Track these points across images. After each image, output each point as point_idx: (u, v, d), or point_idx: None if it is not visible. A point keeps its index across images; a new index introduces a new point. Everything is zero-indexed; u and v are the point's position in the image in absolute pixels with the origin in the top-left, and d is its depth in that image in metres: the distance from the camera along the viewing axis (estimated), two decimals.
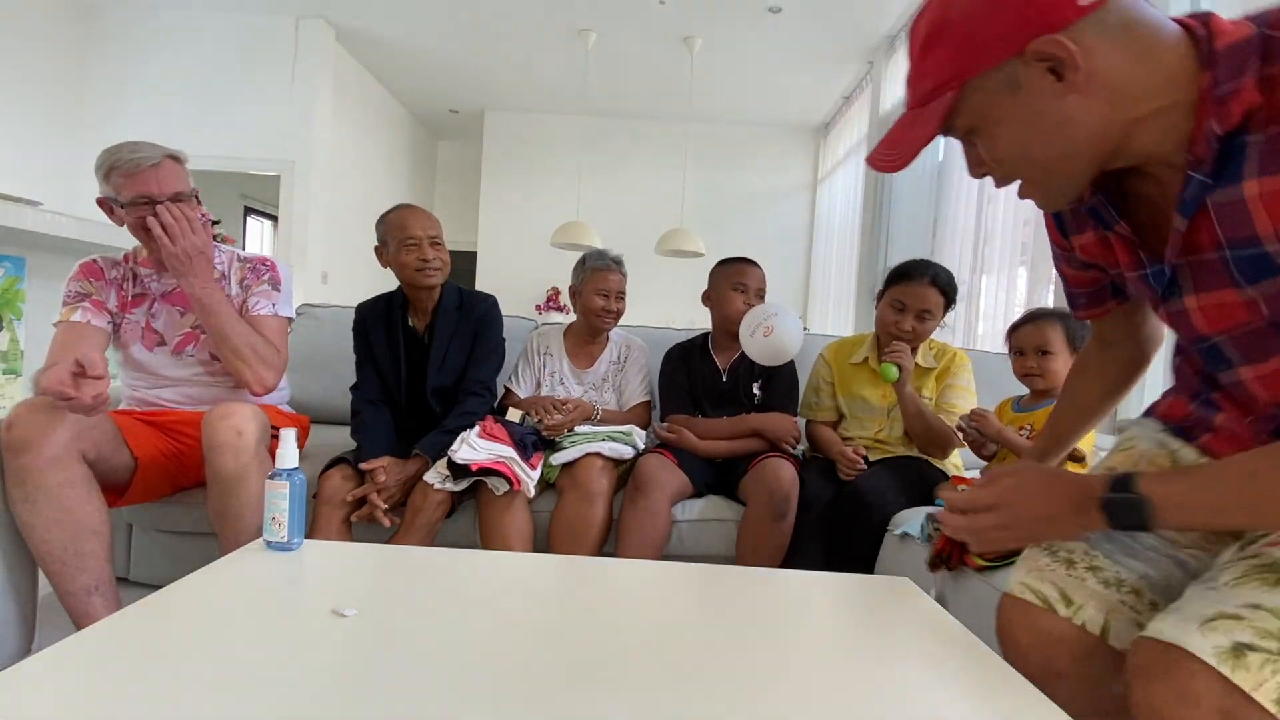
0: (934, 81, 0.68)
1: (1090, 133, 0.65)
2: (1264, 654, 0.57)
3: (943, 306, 1.74)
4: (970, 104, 0.67)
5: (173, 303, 1.55)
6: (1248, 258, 0.63)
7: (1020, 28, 0.62)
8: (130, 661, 0.66)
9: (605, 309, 1.91)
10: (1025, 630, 0.82)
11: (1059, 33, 0.61)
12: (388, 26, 4.99)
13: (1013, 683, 0.71)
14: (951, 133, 0.72)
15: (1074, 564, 0.81)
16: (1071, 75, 0.61)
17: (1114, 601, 0.76)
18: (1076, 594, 0.79)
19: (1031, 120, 0.66)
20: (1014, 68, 0.64)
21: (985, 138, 0.70)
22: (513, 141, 6.52)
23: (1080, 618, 0.77)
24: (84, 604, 1.27)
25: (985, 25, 0.64)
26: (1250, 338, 0.69)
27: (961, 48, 0.65)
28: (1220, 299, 0.68)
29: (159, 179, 1.41)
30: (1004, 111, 0.66)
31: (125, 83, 4.86)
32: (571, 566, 1.07)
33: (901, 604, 0.94)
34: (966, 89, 0.67)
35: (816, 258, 6.32)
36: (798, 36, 4.71)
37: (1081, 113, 0.64)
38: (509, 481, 1.51)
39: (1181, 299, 0.71)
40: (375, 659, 0.69)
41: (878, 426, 1.83)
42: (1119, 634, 0.75)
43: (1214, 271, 0.67)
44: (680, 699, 0.64)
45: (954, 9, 0.65)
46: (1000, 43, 0.63)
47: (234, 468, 1.32)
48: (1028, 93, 0.64)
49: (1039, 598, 0.81)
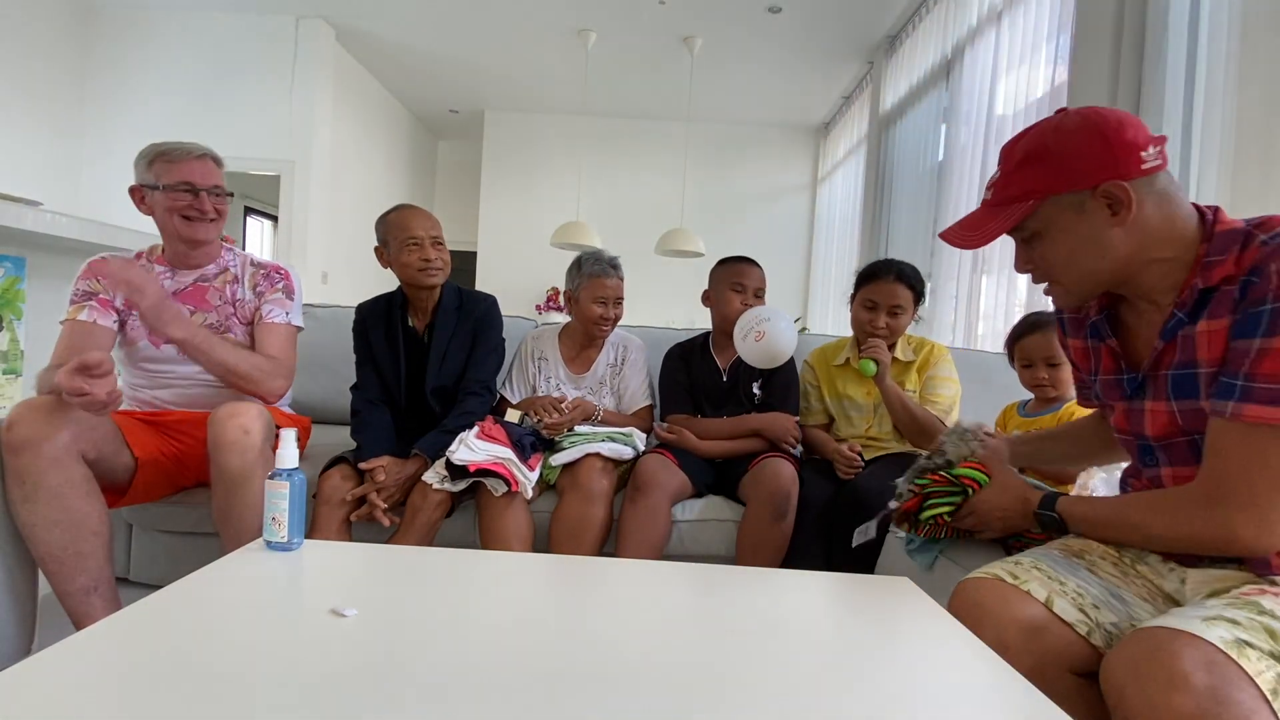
0: (1020, 190, 0.88)
1: (1118, 259, 0.86)
2: (1260, 652, 0.68)
3: (912, 300, 1.81)
4: (1043, 213, 0.88)
5: (184, 301, 1.55)
6: (1182, 377, 0.86)
7: (1099, 169, 0.83)
8: (130, 661, 0.66)
9: (604, 317, 1.89)
10: (972, 605, 0.91)
11: (1125, 181, 0.82)
12: (388, 26, 4.99)
13: (1013, 683, 0.71)
14: (1018, 231, 0.92)
15: (1020, 563, 0.95)
16: (1123, 214, 0.83)
17: (1055, 588, 0.89)
18: (1024, 573, 0.92)
19: (1083, 237, 0.86)
20: (1084, 196, 0.84)
21: (1045, 241, 0.89)
22: (513, 141, 6.52)
23: (1026, 586, 0.89)
24: (83, 604, 1.28)
25: (1074, 161, 0.84)
26: (1175, 446, 0.90)
27: (1051, 171, 0.86)
28: (1157, 407, 0.90)
29: (203, 170, 1.50)
30: (1066, 225, 0.87)
31: (125, 83, 4.86)
32: (571, 566, 1.07)
33: (901, 604, 0.94)
34: (1046, 202, 0.87)
35: (816, 258, 6.32)
36: (798, 36, 4.71)
37: (1118, 243, 0.85)
38: (507, 482, 1.51)
39: (1143, 401, 0.93)
40: (375, 659, 0.69)
41: (867, 424, 1.85)
42: (1063, 611, 0.86)
43: (1161, 385, 0.89)
44: (680, 699, 0.64)
45: (1052, 142, 0.86)
46: (1081, 176, 0.84)
47: (239, 466, 1.32)
48: (1088, 216, 0.85)
49: (988, 574, 0.95)
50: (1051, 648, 0.84)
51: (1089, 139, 0.84)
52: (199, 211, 1.50)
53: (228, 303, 1.58)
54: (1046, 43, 2.60)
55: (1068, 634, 0.85)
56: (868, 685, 0.70)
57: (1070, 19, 2.35)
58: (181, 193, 1.48)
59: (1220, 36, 1.75)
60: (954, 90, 3.46)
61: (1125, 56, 1.99)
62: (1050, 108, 2.50)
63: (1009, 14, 2.92)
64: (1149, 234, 0.84)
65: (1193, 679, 0.65)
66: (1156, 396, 0.90)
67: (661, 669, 0.70)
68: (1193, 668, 0.66)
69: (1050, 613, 0.86)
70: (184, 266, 1.58)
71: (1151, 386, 0.91)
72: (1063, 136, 0.85)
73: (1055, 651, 0.84)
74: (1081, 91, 2.18)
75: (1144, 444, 0.95)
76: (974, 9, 3.27)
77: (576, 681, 0.66)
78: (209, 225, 1.53)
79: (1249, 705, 0.64)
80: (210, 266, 1.60)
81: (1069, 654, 0.84)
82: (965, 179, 3.20)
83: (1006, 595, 0.88)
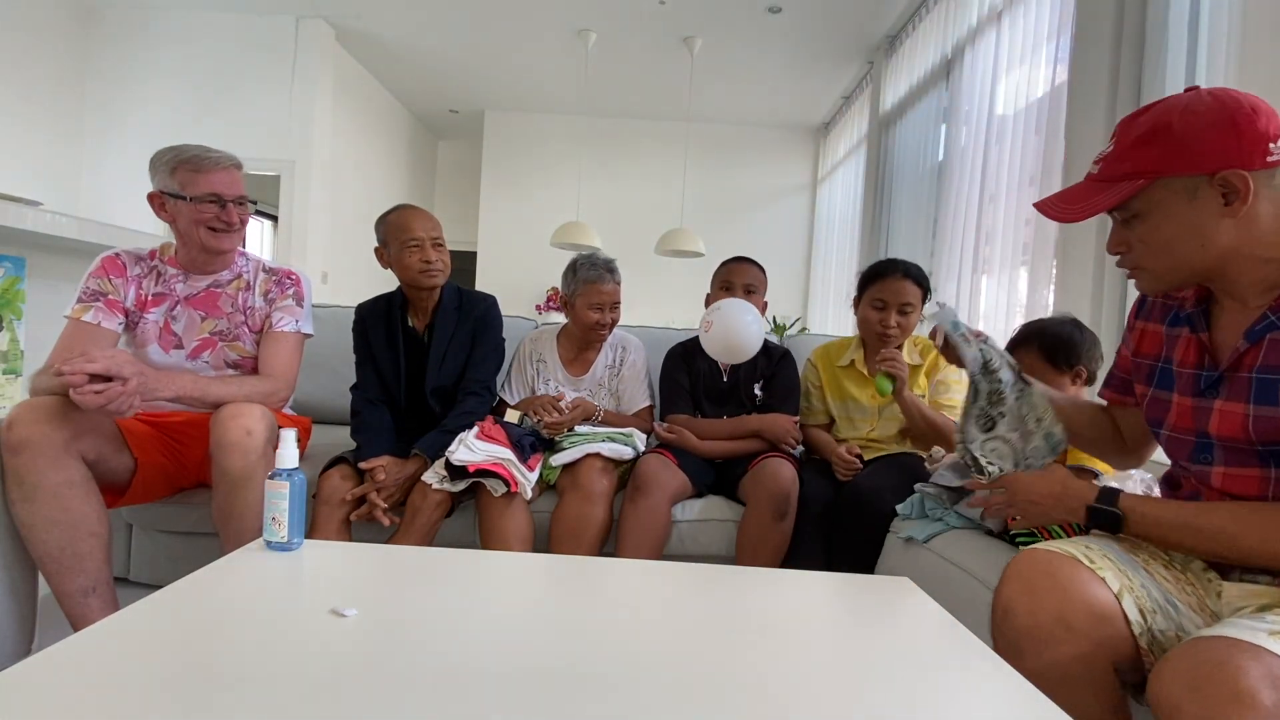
0: (1134, 167, 0.84)
1: (1219, 252, 0.82)
2: None
3: (920, 298, 1.76)
4: (1153, 194, 0.83)
5: (195, 306, 1.55)
6: (1267, 381, 0.82)
7: (1223, 156, 0.79)
8: (130, 661, 0.66)
9: (600, 323, 1.87)
10: (1043, 574, 0.85)
11: (1247, 172, 0.78)
12: (388, 26, 4.99)
13: (1014, 683, 0.71)
14: (1122, 209, 0.87)
15: (1091, 548, 0.89)
16: (1237, 205, 0.79)
17: (1126, 583, 0.84)
18: (1097, 559, 0.86)
19: (1190, 224, 0.82)
20: (1199, 182, 0.80)
21: (1146, 224, 0.85)
22: (513, 141, 6.52)
23: (1102, 573, 0.84)
24: (81, 605, 1.28)
25: (1196, 144, 0.80)
26: (1237, 449, 0.86)
27: (1169, 151, 0.81)
28: (1231, 408, 0.86)
29: (229, 181, 1.48)
30: (1173, 210, 0.82)
31: (125, 83, 4.86)
32: (571, 566, 1.07)
33: (902, 604, 0.94)
34: (1157, 182, 0.82)
35: (816, 258, 6.32)
36: (798, 36, 4.71)
37: (1224, 235, 0.81)
38: (506, 483, 1.51)
39: (1214, 400, 0.89)
40: (375, 659, 0.69)
41: (870, 427, 1.83)
42: (1129, 607, 0.82)
43: (1241, 387, 0.85)
44: (680, 699, 0.64)
45: (1177, 121, 0.81)
46: (1203, 160, 0.79)
47: (242, 467, 1.32)
48: (1199, 203, 0.81)
49: (1061, 549, 0.88)
50: (1109, 639, 0.81)
51: (1218, 123, 0.79)
52: (226, 224, 1.48)
53: (239, 310, 1.57)
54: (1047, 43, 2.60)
55: (1124, 631, 0.82)
56: (868, 685, 0.70)
57: (1070, 19, 2.35)
58: (209, 204, 1.45)
59: (1220, 36, 1.75)
60: (954, 90, 3.45)
61: (1125, 56, 1.99)
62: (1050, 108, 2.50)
63: (1009, 14, 2.91)
64: (1257, 230, 0.81)
65: (1260, 696, 0.62)
66: (1233, 397, 0.86)
67: (661, 669, 0.70)
68: (1259, 684, 0.62)
69: (1118, 605, 0.82)
70: (199, 272, 1.57)
71: (1228, 386, 0.87)
72: (1190, 117, 0.81)
73: (1111, 644, 0.82)
74: (1081, 91, 2.18)
75: (1203, 441, 0.90)
76: (974, 9, 3.27)
77: (576, 681, 0.66)
78: (234, 235, 1.52)
79: None
80: (225, 273, 1.59)
81: (1119, 649, 0.82)
82: (965, 179, 3.20)
83: (1081, 574, 0.84)
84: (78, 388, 1.18)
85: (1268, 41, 1.59)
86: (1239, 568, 0.86)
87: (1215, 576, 0.88)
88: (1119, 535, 0.93)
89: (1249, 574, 0.85)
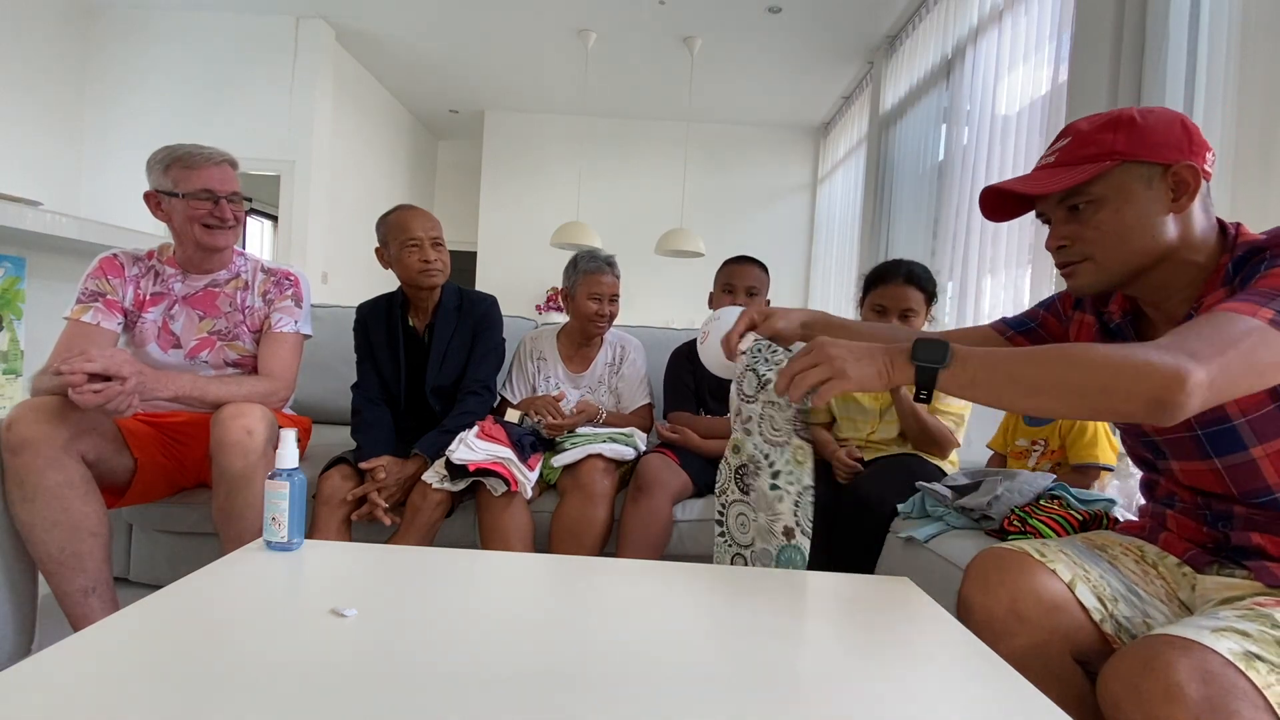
0: (1099, 150, 0.86)
1: (1159, 246, 0.86)
2: (1270, 665, 0.67)
3: (924, 302, 1.73)
4: (1114, 178, 0.86)
5: (193, 306, 1.55)
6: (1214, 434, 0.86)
7: (1180, 150, 0.84)
8: (130, 661, 0.66)
9: (599, 313, 1.89)
10: (994, 569, 0.90)
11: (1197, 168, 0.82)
12: (388, 26, 4.99)
13: (1014, 683, 0.71)
14: (1080, 194, 0.87)
15: (1048, 544, 0.94)
16: (1184, 201, 0.84)
17: (1080, 572, 0.89)
18: (1050, 553, 0.91)
19: (1140, 212, 0.85)
20: (1156, 171, 0.84)
21: (1108, 209, 0.87)
22: (513, 141, 6.52)
23: (1053, 565, 0.89)
24: (80, 605, 1.27)
25: (1157, 134, 0.85)
26: (1181, 442, 0.90)
27: (1135, 138, 0.85)
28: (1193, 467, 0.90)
29: (222, 177, 1.48)
30: (1132, 196, 0.85)
31: (125, 83, 4.86)
32: (571, 566, 1.07)
33: (902, 604, 0.94)
34: (1122, 166, 0.85)
35: (816, 258, 6.32)
36: (798, 36, 4.71)
37: (1164, 230, 0.85)
38: (506, 482, 1.51)
39: (1169, 462, 0.93)
40: (375, 659, 0.69)
41: (870, 428, 1.83)
42: (1083, 595, 0.87)
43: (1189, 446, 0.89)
44: (680, 699, 0.64)
45: (1136, 114, 0.86)
46: (1164, 149, 0.84)
47: (242, 467, 1.32)
48: (1152, 193, 0.85)
49: (1016, 546, 0.94)
50: (1062, 627, 0.85)
51: (1174, 121, 0.85)
52: (219, 219, 1.48)
53: (237, 309, 1.57)
54: (1047, 42, 2.60)
55: (1081, 618, 0.85)
56: (868, 685, 0.70)
57: (1070, 19, 2.35)
58: (202, 200, 1.45)
59: (1220, 37, 1.75)
60: (954, 90, 3.46)
61: (1125, 56, 1.99)
62: (1051, 108, 2.51)
63: (1009, 14, 2.92)
64: (1191, 231, 0.86)
65: (1187, 690, 0.65)
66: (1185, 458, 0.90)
67: (662, 669, 0.70)
68: (1187, 679, 0.65)
69: (1071, 594, 0.86)
70: (196, 271, 1.57)
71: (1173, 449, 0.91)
72: (1148, 114, 0.86)
73: (1065, 632, 0.85)
74: (1081, 91, 2.18)
75: (1148, 441, 0.96)
76: (974, 9, 3.27)
77: (577, 681, 0.66)
78: (228, 232, 1.52)
79: (1249, 717, 0.63)
80: (222, 272, 1.59)
81: (1077, 638, 0.85)
82: (965, 179, 3.20)
83: (1030, 567, 0.89)
84: (76, 387, 1.18)
85: (1268, 41, 1.59)
86: (1215, 560, 0.89)
87: (1190, 571, 0.91)
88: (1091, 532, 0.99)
89: (1225, 567, 0.88)
